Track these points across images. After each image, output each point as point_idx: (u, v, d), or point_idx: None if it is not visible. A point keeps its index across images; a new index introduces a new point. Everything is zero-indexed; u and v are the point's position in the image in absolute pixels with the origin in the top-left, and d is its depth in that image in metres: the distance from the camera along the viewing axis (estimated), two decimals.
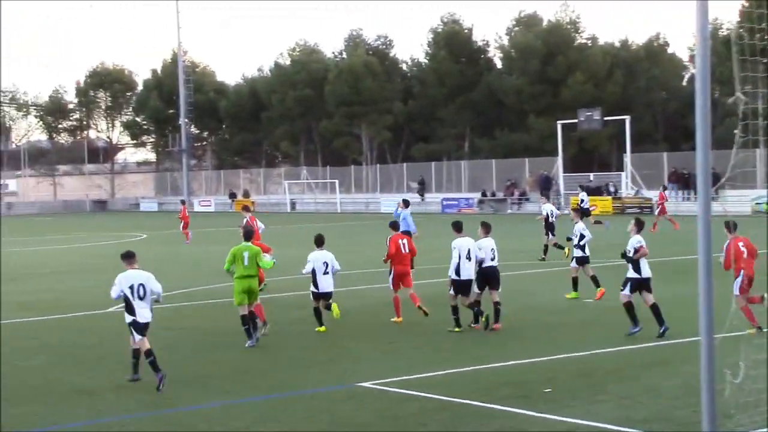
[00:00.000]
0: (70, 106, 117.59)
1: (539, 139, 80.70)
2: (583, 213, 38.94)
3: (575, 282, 23.86)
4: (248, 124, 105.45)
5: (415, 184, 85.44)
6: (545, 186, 73.87)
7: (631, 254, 18.45)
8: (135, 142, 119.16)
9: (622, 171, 70.94)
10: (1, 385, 15.78)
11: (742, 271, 18.42)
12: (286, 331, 20.53)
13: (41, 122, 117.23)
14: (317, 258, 20.39)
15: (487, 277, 20.00)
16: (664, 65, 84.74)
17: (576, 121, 72.34)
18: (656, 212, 48.77)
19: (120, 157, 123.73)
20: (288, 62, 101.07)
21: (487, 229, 20.36)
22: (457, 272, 19.75)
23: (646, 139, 79.04)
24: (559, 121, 73.48)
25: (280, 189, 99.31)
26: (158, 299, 16.03)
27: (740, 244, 18.68)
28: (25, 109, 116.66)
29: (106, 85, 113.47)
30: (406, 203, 30.77)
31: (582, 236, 23.65)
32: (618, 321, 20.08)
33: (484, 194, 77.56)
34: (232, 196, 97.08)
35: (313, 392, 14.81)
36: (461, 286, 19.81)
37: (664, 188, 54.33)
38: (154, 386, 15.30)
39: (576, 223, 24.17)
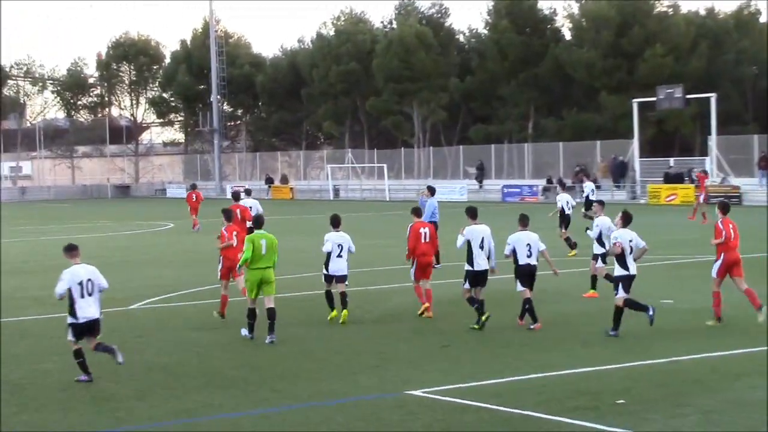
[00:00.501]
0: (91, 80, 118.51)
1: (612, 120, 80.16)
2: (587, 205, 38.87)
3: (610, 279, 23.84)
4: (287, 102, 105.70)
5: (472, 170, 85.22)
6: (619, 172, 73.42)
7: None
8: (162, 120, 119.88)
9: (707, 156, 70.27)
10: (13, 389, 15.96)
11: (723, 255, 20.11)
12: (327, 332, 20.56)
13: (58, 98, 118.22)
14: (333, 239, 21.24)
15: (526, 275, 20.42)
16: (756, 36, 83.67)
17: (654, 99, 71.73)
18: (701, 199, 47.62)
19: (145, 137, 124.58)
20: (332, 33, 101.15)
21: (524, 222, 20.74)
22: (470, 263, 20.31)
23: (734, 119, 78.22)
24: (635, 100, 72.91)
25: (322, 174, 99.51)
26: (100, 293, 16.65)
27: (730, 225, 20.14)
28: (40, 84, 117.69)
29: (131, 57, 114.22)
30: (431, 190, 30.92)
31: (600, 233, 23.42)
32: (700, 325, 19.94)
33: (549, 181, 77.15)
34: (269, 181, 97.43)
35: (357, 400, 14.82)
36: (476, 277, 20.34)
37: (705, 172, 53.68)
38: (182, 392, 15.41)
39: (597, 216, 24.15)
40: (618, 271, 19.25)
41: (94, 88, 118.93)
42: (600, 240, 23.44)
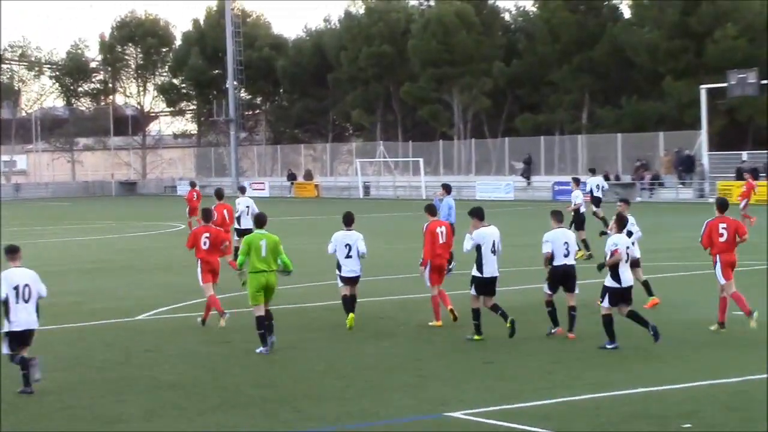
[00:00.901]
0: (93, 64, 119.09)
1: (678, 109, 79.83)
2: (593, 201, 39.13)
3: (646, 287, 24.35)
4: (312, 89, 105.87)
5: (519, 165, 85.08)
6: (685, 167, 73.09)
7: (607, 258, 19.64)
8: (172, 109, 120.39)
9: None
10: (9, 408, 16.09)
11: (718, 257, 21.11)
12: (356, 346, 20.59)
13: (57, 84, 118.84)
14: (339, 239, 22.37)
15: (561, 277, 20.95)
16: None
17: (725, 85, 71.40)
18: (742, 205, 47.30)
19: (153, 128, 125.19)
20: (362, 11, 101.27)
21: (558, 218, 21.34)
22: (480, 269, 20.70)
23: None
24: (703, 86, 72.58)
25: (350, 169, 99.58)
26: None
27: (722, 225, 21.17)
28: (37, 68, 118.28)
29: (137, 38, 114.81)
30: (447, 189, 31.44)
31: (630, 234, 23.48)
32: None
33: (606, 178, 76.96)
34: (292, 177, 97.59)
35: (391, 422, 14.85)
36: (485, 285, 20.79)
37: (755, 174, 53.34)
38: (194, 412, 15.49)
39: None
40: (609, 281, 19.57)
41: (96, 73, 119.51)
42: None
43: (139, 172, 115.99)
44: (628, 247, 19.71)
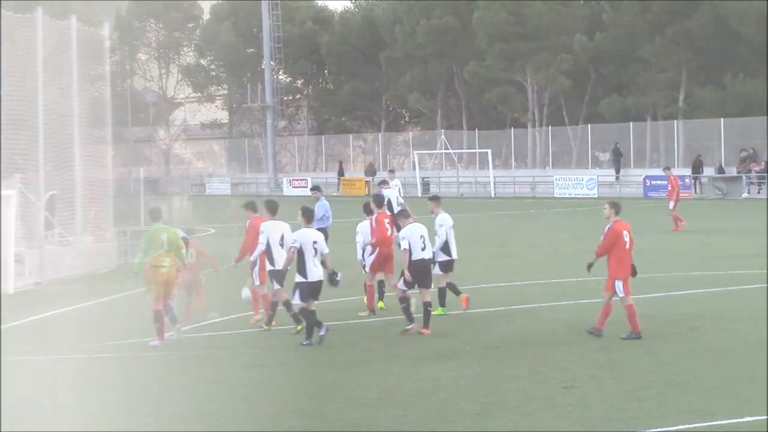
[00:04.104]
0: (106, 43, 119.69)
1: None
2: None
3: (452, 289, 26.23)
4: (362, 69, 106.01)
5: (605, 156, 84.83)
6: None
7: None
8: (199, 95, 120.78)
9: None
10: None
11: (378, 249, 25.68)
12: (414, 369, 20.63)
13: None
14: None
15: (417, 272, 23.60)
16: None
17: None
18: (671, 206, 48.23)
19: (177, 117, 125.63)
20: None
21: (407, 214, 24.92)
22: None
23: None
24: None
25: (406, 163, 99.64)
26: None
27: (386, 221, 26.08)
28: None
29: (159, 12, 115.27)
30: (319, 189, 34.24)
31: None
32: None
33: (695, 169, 76.55)
34: (340, 172, 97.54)
35: None
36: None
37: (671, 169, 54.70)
38: None
39: (435, 214, 26.43)
40: (297, 277, 22.71)
41: (111, 53, 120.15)
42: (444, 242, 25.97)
43: (162, 168, 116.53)
44: (315, 242, 22.65)
